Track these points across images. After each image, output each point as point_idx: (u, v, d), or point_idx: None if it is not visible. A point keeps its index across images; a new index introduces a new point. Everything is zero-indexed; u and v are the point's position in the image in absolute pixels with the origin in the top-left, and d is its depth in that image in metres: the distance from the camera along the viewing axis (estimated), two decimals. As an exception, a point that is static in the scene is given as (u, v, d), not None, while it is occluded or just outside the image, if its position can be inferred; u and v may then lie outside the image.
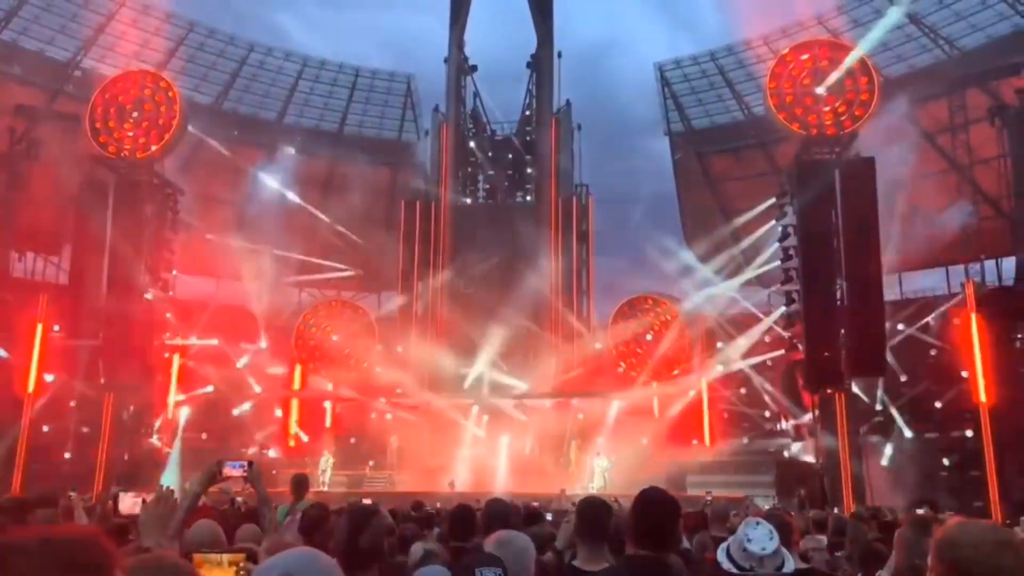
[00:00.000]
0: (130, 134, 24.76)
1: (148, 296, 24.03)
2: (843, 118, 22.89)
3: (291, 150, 32.95)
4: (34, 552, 1.17)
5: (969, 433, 23.44)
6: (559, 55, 33.49)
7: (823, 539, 6.57)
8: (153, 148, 24.62)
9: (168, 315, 25.37)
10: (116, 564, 1.22)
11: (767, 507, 13.20)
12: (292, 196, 33.25)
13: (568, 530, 4.27)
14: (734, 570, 2.94)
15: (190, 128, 26.71)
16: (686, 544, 6.06)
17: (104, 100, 24.99)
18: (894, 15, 27.49)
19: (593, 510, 3.53)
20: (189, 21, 35.26)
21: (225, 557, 2.66)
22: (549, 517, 8.17)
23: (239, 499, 12.69)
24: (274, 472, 19.46)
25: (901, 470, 24.20)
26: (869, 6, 33.19)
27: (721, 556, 3.02)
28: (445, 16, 34.51)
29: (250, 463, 3.88)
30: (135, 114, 24.82)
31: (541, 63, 33.87)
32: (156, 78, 25.75)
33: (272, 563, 1.71)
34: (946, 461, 25.58)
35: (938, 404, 26.88)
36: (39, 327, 22.78)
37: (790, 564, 2.99)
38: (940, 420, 26.76)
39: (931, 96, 30.46)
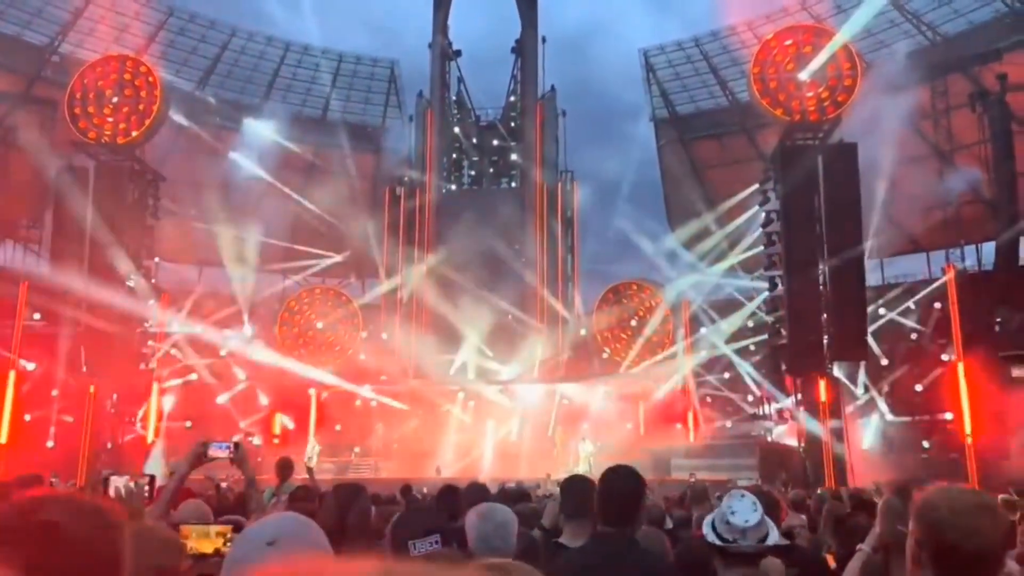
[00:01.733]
0: (110, 120, 24.42)
1: (130, 283, 23.83)
2: (826, 104, 22.95)
3: (268, 126, 32.52)
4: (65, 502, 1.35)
5: (949, 415, 23.71)
6: (543, 40, 33.43)
7: (803, 517, 6.66)
8: (134, 134, 24.31)
9: (151, 302, 25.17)
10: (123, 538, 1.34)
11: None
12: (274, 181, 33.00)
13: (554, 509, 4.32)
14: (718, 542, 2.98)
15: (171, 113, 26.42)
16: (669, 524, 6.14)
17: (83, 85, 24.64)
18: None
19: (577, 487, 3.57)
20: (168, 6, 34.84)
21: (212, 528, 2.68)
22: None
23: (224, 485, 12.66)
24: (259, 459, 19.42)
25: (882, 453, 24.53)
26: (852, -8, 33.30)
27: (706, 529, 3.05)
28: (429, 0, 34.29)
29: (236, 444, 3.87)
30: (115, 99, 24.49)
31: (525, 48, 33.77)
32: (136, 63, 25.41)
33: (259, 528, 1.71)
34: (926, 443, 25.89)
35: (919, 387, 27.19)
36: (19, 316, 22.56)
37: (773, 536, 3.03)
38: (921, 403, 27.06)
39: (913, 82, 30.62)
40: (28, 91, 31.10)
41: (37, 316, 23.46)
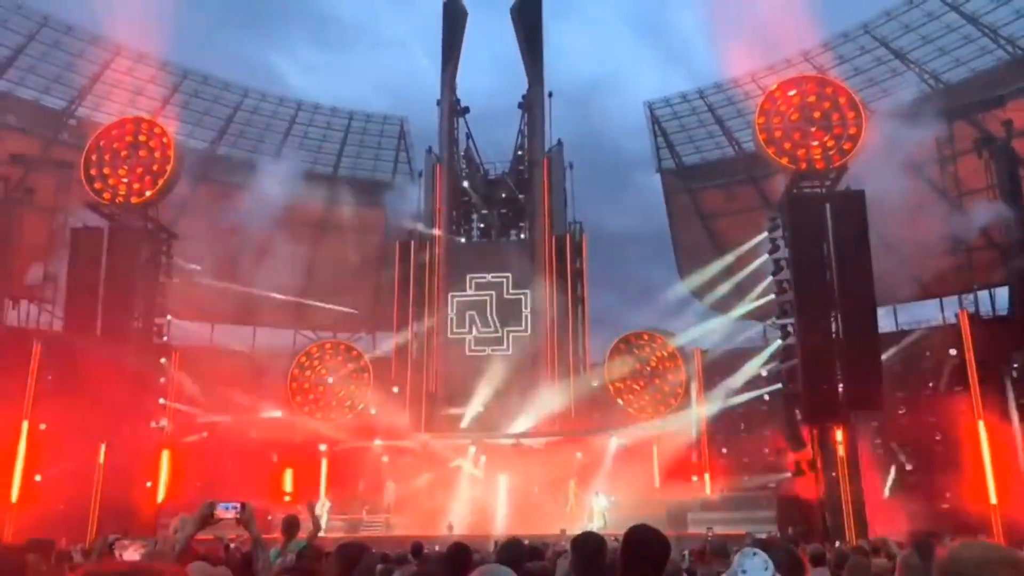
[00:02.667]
0: (124, 180, 24.85)
1: (143, 343, 23.91)
2: (832, 152, 23.11)
3: (280, 183, 32.87)
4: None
5: (968, 463, 23.27)
6: (550, 95, 33.91)
7: (825, 571, 6.50)
8: (147, 193, 24.71)
9: (162, 360, 25.22)
10: None
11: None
12: (286, 237, 33.31)
13: (565, 566, 4.23)
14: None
15: (185, 172, 26.82)
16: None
17: (98, 147, 25.14)
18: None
19: (588, 545, 3.51)
20: (183, 69, 35.68)
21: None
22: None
23: (232, 545, 12.49)
24: (269, 518, 19.21)
25: (901, 503, 24.03)
26: (853, 43, 33.88)
27: None
28: (437, 58, 35.03)
29: (243, 504, 3.82)
30: (129, 160, 24.96)
31: (532, 104, 34.25)
32: (150, 124, 25.94)
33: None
34: (947, 493, 25.38)
35: (937, 436, 26.78)
36: (32, 375, 22.66)
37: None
38: (940, 452, 26.62)
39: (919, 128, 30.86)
40: (45, 154, 31.73)
41: (49, 376, 23.50)
